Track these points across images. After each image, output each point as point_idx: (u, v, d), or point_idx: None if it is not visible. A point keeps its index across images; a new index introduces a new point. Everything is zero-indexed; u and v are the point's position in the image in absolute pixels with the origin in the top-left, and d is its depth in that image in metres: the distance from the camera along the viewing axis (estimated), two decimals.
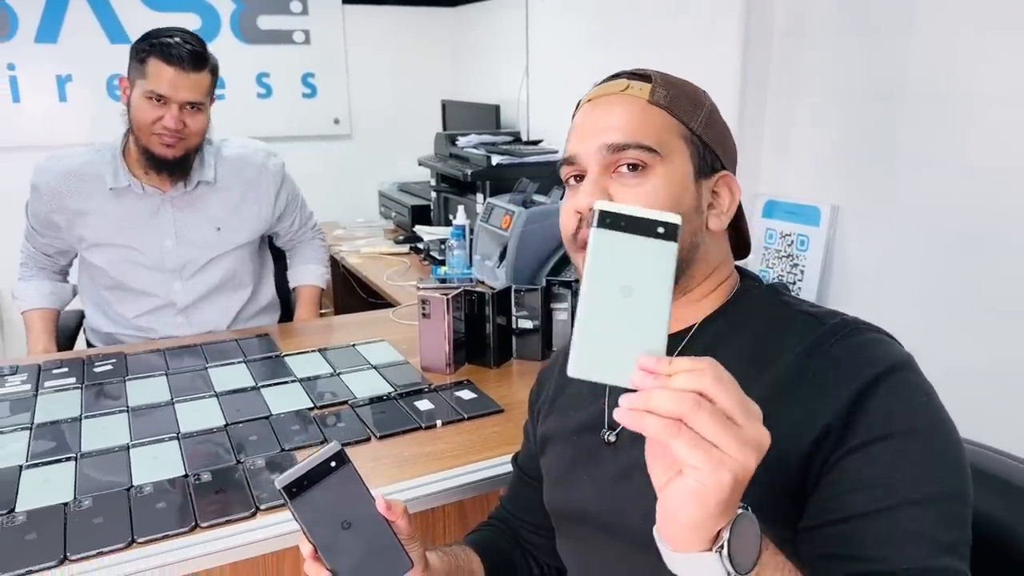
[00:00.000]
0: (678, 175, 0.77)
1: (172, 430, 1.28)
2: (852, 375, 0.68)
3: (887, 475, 0.65)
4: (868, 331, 0.73)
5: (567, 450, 0.88)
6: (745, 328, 0.78)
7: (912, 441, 0.66)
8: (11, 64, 2.81)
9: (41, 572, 0.94)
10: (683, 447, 0.49)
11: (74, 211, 1.72)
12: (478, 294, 1.58)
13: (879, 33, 1.53)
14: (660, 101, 0.78)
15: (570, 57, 2.56)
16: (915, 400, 0.68)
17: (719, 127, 0.81)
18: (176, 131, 1.62)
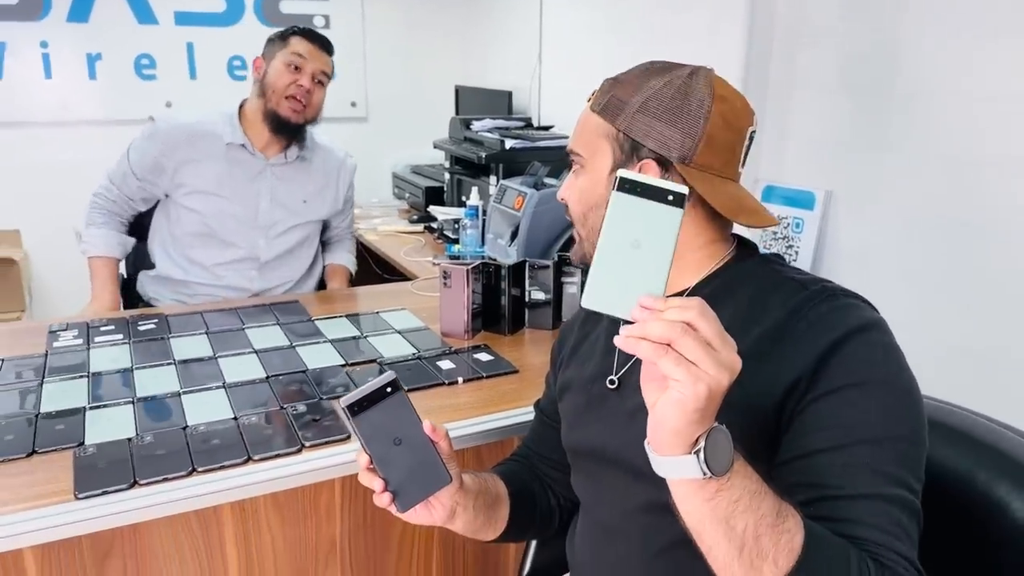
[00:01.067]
0: (595, 172, 0.92)
1: (218, 380, 1.41)
2: (823, 334, 0.79)
3: (847, 417, 0.76)
4: (845, 296, 0.84)
5: (581, 396, 1.01)
6: (737, 291, 0.89)
7: (871, 389, 0.77)
8: (44, 42, 2.92)
9: (115, 492, 1.06)
10: (669, 364, 0.60)
11: (183, 159, 1.92)
12: (495, 266, 1.71)
13: (875, 31, 1.65)
14: (595, 108, 0.93)
15: (582, 45, 2.67)
16: (877, 355, 0.79)
17: (654, 114, 0.88)
18: (308, 92, 1.89)
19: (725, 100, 0.89)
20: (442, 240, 2.63)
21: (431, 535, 1.38)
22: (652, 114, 0.89)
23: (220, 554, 1.21)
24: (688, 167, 0.88)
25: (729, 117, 0.89)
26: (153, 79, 3.10)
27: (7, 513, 1.01)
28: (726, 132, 0.89)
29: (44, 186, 3.04)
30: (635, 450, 0.87)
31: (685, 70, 0.91)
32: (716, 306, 0.82)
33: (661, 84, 0.89)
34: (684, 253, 0.90)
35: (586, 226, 0.95)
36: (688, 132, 0.88)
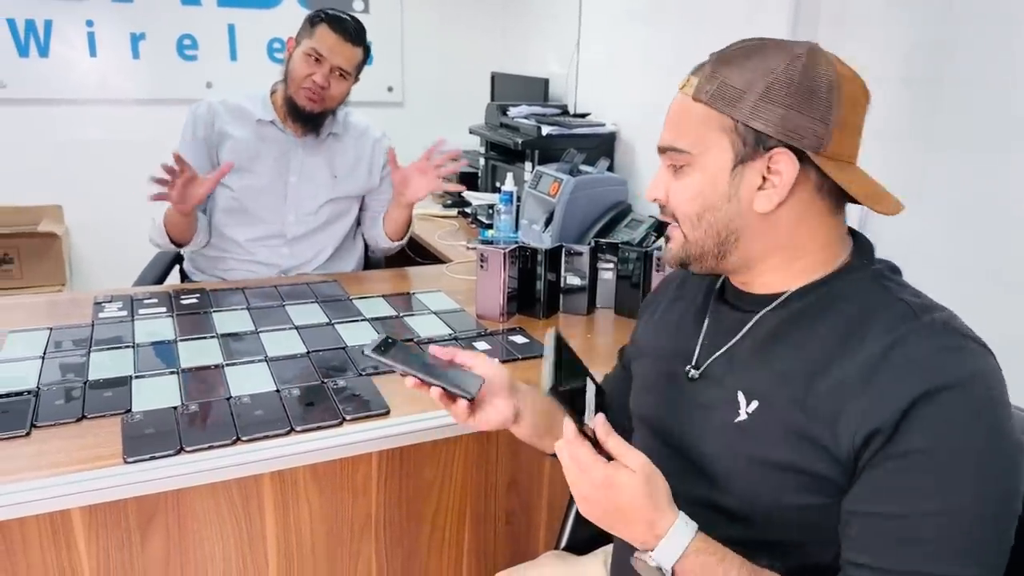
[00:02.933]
0: (711, 171, 0.83)
1: (260, 354, 1.43)
2: (916, 379, 0.73)
3: (917, 485, 0.72)
4: (957, 335, 0.76)
5: (656, 367, 0.99)
6: (837, 308, 0.82)
7: (952, 458, 0.71)
8: (89, 20, 2.97)
9: (163, 458, 1.09)
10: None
11: (221, 133, 1.96)
12: (531, 250, 1.72)
13: (924, 22, 1.62)
14: (702, 97, 0.83)
15: (620, 33, 2.66)
16: (969, 418, 0.72)
17: (781, 100, 0.79)
18: (321, 88, 1.87)
19: (848, 80, 0.82)
20: (476, 225, 2.65)
21: (463, 511, 1.40)
22: (779, 100, 0.79)
23: (259, 523, 1.24)
24: (822, 156, 0.80)
25: (855, 98, 0.82)
26: (195, 60, 3.13)
27: (57, 474, 1.05)
28: (854, 114, 0.82)
29: (87, 163, 3.10)
30: (700, 444, 0.88)
31: (801, 47, 0.82)
32: (813, 319, 0.83)
33: (783, 65, 0.80)
34: (799, 254, 0.85)
35: (699, 227, 0.86)
36: (822, 118, 0.79)
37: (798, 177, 0.80)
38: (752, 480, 0.83)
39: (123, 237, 2.81)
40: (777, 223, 0.83)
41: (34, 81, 2.95)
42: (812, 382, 0.79)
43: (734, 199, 0.83)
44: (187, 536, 1.20)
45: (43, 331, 1.51)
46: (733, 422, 0.85)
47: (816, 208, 0.83)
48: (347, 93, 1.97)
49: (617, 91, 2.70)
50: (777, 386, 0.82)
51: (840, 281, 0.84)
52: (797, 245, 0.84)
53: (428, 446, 1.32)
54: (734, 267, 0.88)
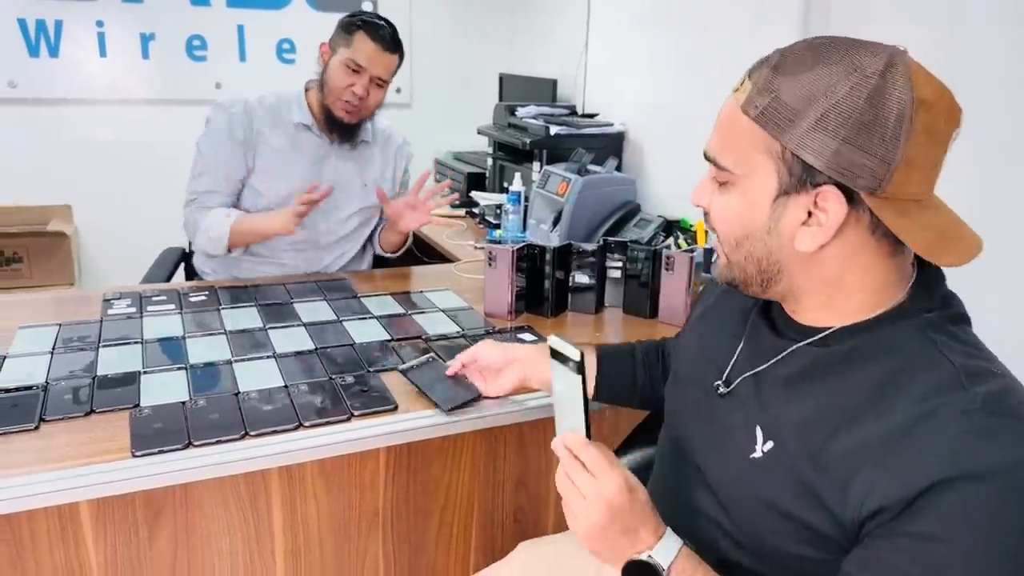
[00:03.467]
0: (751, 196, 0.76)
1: (268, 350, 1.43)
2: (940, 463, 0.65)
3: (912, 570, 0.66)
4: (996, 416, 0.67)
5: (689, 370, 0.98)
6: (881, 357, 0.75)
7: (951, 553, 0.64)
8: (99, 21, 2.98)
9: (171, 452, 1.09)
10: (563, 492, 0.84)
11: (258, 134, 1.92)
12: (540, 248, 1.71)
13: (933, 22, 1.62)
14: (751, 112, 0.74)
15: (629, 34, 2.66)
16: (995, 513, 0.64)
17: (837, 131, 0.69)
18: (360, 99, 1.85)
19: (929, 106, 0.69)
20: (484, 225, 2.65)
21: (471, 508, 1.39)
22: (834, 132, 0.69)
23: (267, 519, 1.23)
24: (878, 197, 0.70)
25: (934, 127, 0.70)
26: (204, 60, 3.14)
27: (66, 467, 1.05)
28: (929, 148, 0.71)
29: (96, 163, 3.11)
30: (714, 466, 0.87)
31: (877, 61, 0.69)
32: (845, 372, 0.77)
33: (847, 88, 0.69)
34: (849, 293, 0.77)
35: (739, 252, 0.80)
36: (883, 157, 0.69)
37: (848, 218, 0.72)
38: (756, 518, 0.80)
39: (132, 237, 2.83)
40: (823, 262, 0.76)
41: (44, 81, 2.97)
42: (832, 438, 0.73)
43: (773, 232, 0.76)
44: (195, 532, 1.19)
45: (52, 327, 1.51)
46: (748, 457, 0.82)
47: (870, 250, 0.75)
48: (383, 100, 1.95)
49: (625, 92, 2.69)
50: (796, 433, 0.77)
51: (886, 328, 0.76)
52: (846, 284, 0.77)
53: (436, 442, 1.31)
54: (781, 296, 0.82)
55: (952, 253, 0.73)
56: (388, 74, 1.89)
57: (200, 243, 1.91)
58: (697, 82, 2.29)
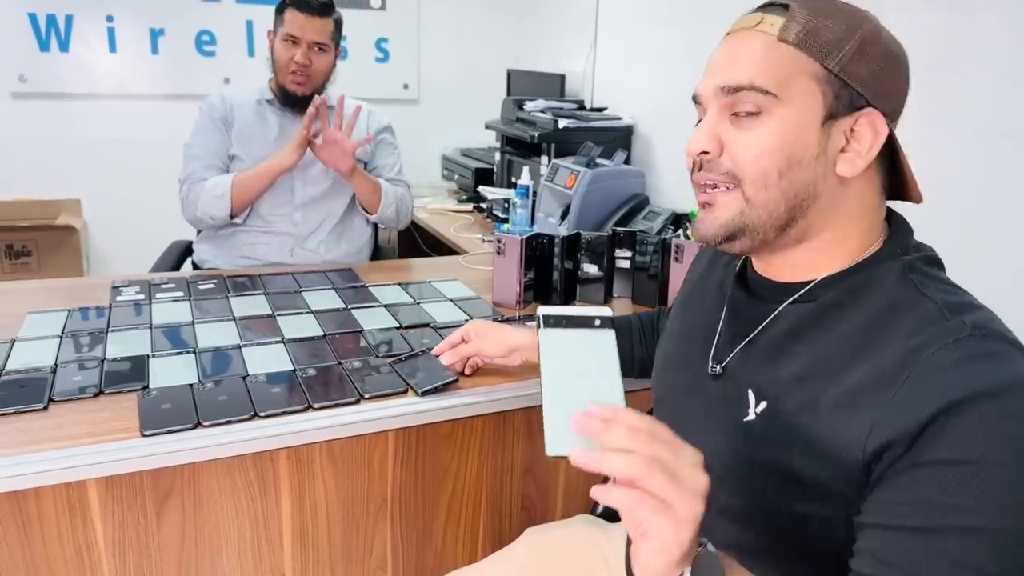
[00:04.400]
0: (798, 120, 0.74)
1: (277, 336, 1.43)
2: (941, 389, 0.65)
3: (945, 498, 0.64)
4: (988, 339, 0.68)
5: (676, 348, 0.97)
6: (864, 302, 0.76)
7: (984, 471, 0.63)
8: (109, 16, 2.99)
9: (180, 432, 1.09)
10: (647, 515, 0.58)
11: (231, 114, 2.03)
12: (548, 237, 1.71)
13: (941, 9, 1.61)
14: (790, 38, 0.74)
15: (638, 30, 2.66)
16: (1005, 428, 0.64)
17: (874, 56, 0.74)
18: (304, 66, 1.93)
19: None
20: (491, 219, 2.64)
21: (479, 496, 1.39)
22: (872, 57, 0.73)
23: (275, 502, 1.23)
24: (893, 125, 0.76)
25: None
26: (213, 56, 3.15)
27: (74, 446, 1.05)
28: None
29: (105, 157, 3.12)
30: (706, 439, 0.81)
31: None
32: (838, 316, 0.76)
33: (872, 25, 0.75)
34: (848, 233, 0.78)
35: (775, 188, 0.75)
36: (905, 86, 0.76)
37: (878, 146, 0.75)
38: (754, 483, 0.79)
39: (140, 231, 2.83)
40: (848, 193, 0.77)
41: (54, 76, 2.98)
42: (825, 387, 0.74)
43: (822, 157, 0.75)
44: (202, 513, 1.19)
45: (61, 312, 1.51)
46: (741, 421, 0.81)
47: (874, 185, 0.78)
48: (332, 65, 2.02)
49: (634, 86, 2.69)
50: (789, 389, 0.77)
51: (867, 273, 0.77)
52: (849, 221, 0.78)
53: (445, 427, 1.31)
54: (789, 241, 0.79)
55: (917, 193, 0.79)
56: (324, 37, 1.95)
57: (203, 207, 1.94)
58: None
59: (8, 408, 1.12)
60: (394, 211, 2.10)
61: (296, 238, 2.05)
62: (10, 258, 2.99)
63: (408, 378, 1.27)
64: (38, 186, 3.03)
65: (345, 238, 2.13)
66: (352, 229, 2.16)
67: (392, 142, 2.23)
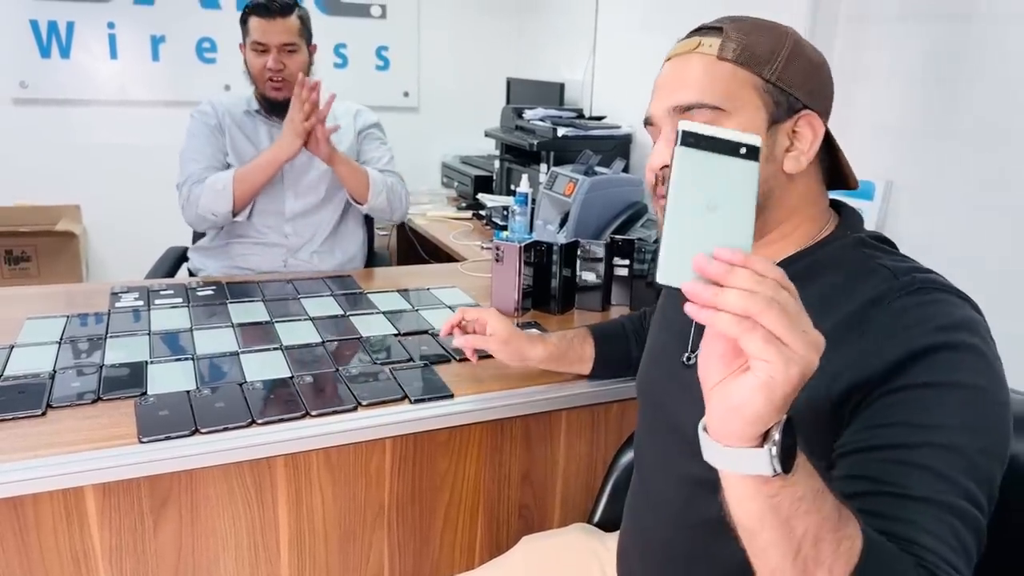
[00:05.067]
0: (746, 128, 0.77)
1: (275, 343, 1.43)
2: (903, 336, 0.72)
3: (918, 417, 0.69)
4: (937, 290, 0.76)
5: (658, 341, 1.02)
6: (822, 275, 0.82)
7: (953, 392, 0.70)
8: (111, 23, 3.00)
9: (178, 438, 1.09)
10: (758, 342, 0.53)
11: (223, 115, 2.03)
12: (547, 245, 1.71)
13: (940, 19, 1.62)
14: (728, 56, 0.82)
15: (637, 39, 2.67)
16: (965, 361, 0.71)
17: (802, 63, 0.83)
18: (278, 71, 1.93)
19: None
20: (490, 227, 2.65)
21: (476, 504, 1.39)
22: (800, 65, 0.83)
23: (272, 509, 1.23)
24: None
25: None
26: (213, 63, 3.16)
27: (72, 452, 1.05)
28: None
29: (106, 164, 3.12)
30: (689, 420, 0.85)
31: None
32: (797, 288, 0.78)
33: (795, 36, 0.84)
34: (799, 221, 0.86)
35: None
36: (830, 87, 0.86)
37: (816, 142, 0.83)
38: None
39: (140, 237, 2.82)
40: (795, 187, 0.85)
41: (55, 82, 2.99)
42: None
43: (770, 159, 0.82)
44: (200, 520, 1.19)
45: (60, 318, 1.52)
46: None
47: (815, 176, 0.87)
48: (307, 62, 2.00)
49: (633, 95, 2.69)
50: None
51: (824, 249, 0.85)
52: (799, 212, 0.86)
53: (443, 435, 1.31)
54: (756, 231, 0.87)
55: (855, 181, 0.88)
56: (291, 36, 1.93)
57: (205, 203, 1.92)
58: None
59: (6, 414, 1.12)
60: (385, 199, 2.06)
61: (288, 249, 2.05)
62: (10, 263, 2.99)
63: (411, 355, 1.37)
64: (38, 192, 3.03)
65: (338, 247, 2.13)
66: (344, 238, 2.15)
67: (379, 136, 2.21)
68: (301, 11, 1.98)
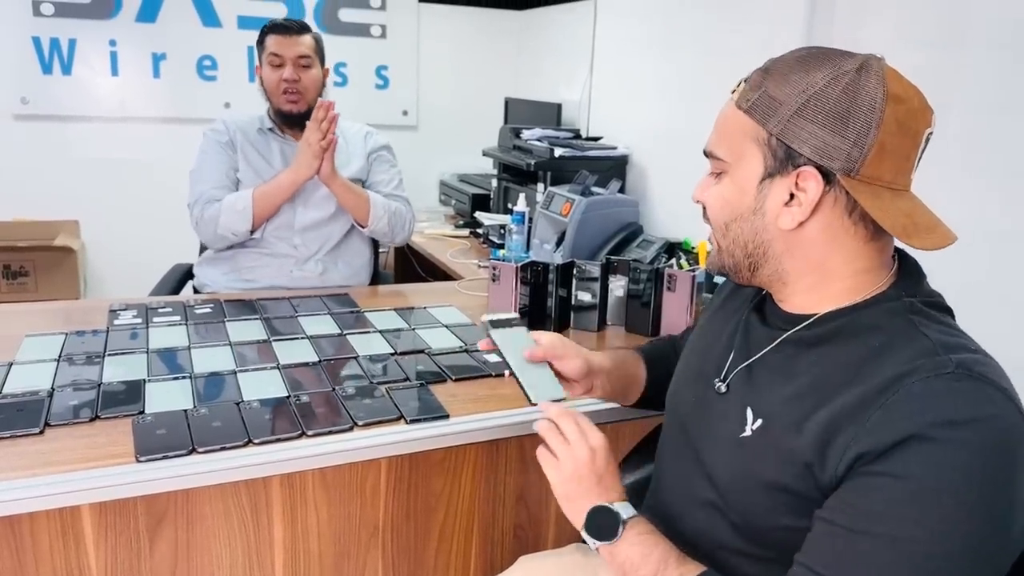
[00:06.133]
0: (741, 180, 0.83)
1: (272, 361, 1.44)
2: (918, 417, 0.70)
3: (882, 507, 0.70)
4: (970, 379, 0.72)
5: (692, 367, 1.01)
6: (864, 336, 0.80)
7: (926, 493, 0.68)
8: (112, 40, 3.03)
9: (175, 458, 1.10)
10: (546, 454, 0.93)
11: (235, 134, 2.08)
12: (543, 265, 1.72)
13: (933, 46, 1.64)
14: (743, 105, 0.82)
15: (634, 60, 2.69)
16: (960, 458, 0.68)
17: (815, 118, 0.78)
18: (294, 82, 2.00)
19: (900, 100, 0.77)
20: (488, 245, 2.66)
21: (471, 524, 1.39)
22: (813, 118, 0.78)
23: (267, 530, 1.23)
24: (853, 179, 0.77)
25: (905, 120, 0.77)
26: (214, 80, 3.19)
27: (69, 471, 1.05)
28: (900, 138, 0.77)
29: (105, 179, 3.14)
30: (711, 452, 0.91)
31: (854, 61, 0.79)
32: (830, 351, 0.82)
33: (825, 81, 0.78)
34: (832, 278, 0.83)
35: (727, 237, 0.87)
36: (856, 141, 0.76)
37: (826, 199, 0.79)
38: (748, 496, 0.85)
39: (138, 253, 2.85)
40: (804, 242, 0.82)
41: (56, 98, 3.02)
42: (816, 408, 0.78)
43: (759, 212, 0.83)
44: (195, 540, 1.19)
45: (59, 336, 1.53)
46: (738, 436, 0.86)
47: (848, 233, 0.81)
48: (321, 80, 2.07)
49: (630, 116, 2.72)
50: (783, 408, 0.82)
51: (870, 310, 0.81)
52: (829, 268, 0.83)
53: (438, 455, 1.31)
54: (768, 281, 0.88)
55: (924, 239, 0.78)
56: (307, 51, 2.02)
57: (225, 223, 1.96)
58: (701, 107, 2.30)
59: (4, 432, 1.13)
60: (386, 223, 2.09)
61: (296, 260, 2.07)
62: (8, 278, 3.00)
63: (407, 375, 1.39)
64: (37, 207, 3.05)
65: (343, 261, 2.15)
66: (351, 252, 2.18)
67: (389, 159, 2.26)
68: (316, 33, 2.08)
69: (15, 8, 2.89)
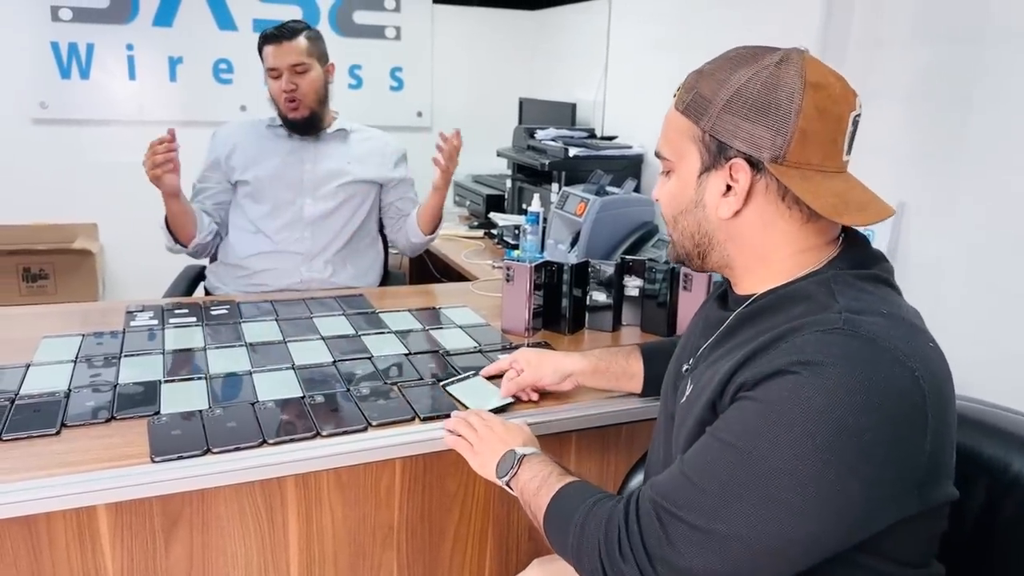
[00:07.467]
0: (683, 176, 0.91)
1: (287, 362, 1.44)
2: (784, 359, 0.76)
3: (735, 425, 0.79)
4: (855, 337, 0.75)
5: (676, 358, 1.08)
6: (788, 307, 0.85)
7: (770, 413, 0.76)
8: (130, 44, 3.05)
9: (190, 458, 1.10)
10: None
11: (236, 144, 2.12)
12: (557, 265, 1.72)
13: (952, 41, 1.62)
14: (679, 107, 0.90)
15: (649, 60, 2.68)
16: (802, 392, 0.73)
17: (740, 112, 0.83)
18: (290, 91, 2.01)
19: (819, 87, 0.82)
20: (502, 245, 2.66)
21: (486, 525, 1.38)
22: (738, 112, 0.83)
23: (282, 530, 1.23)
24: (782, 166, 0.82)
25: (825, 106, 0.82)
26: (230, 83, 3.20)
27: (85, 471, 1.06)
28: (822, 123, 0.82)
29: (123, 183, 3.13)
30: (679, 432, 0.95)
31: (774, 56, 0.84)
32: (757, 323, 0.87)
33: (747, 77, 0.83)
34: (771, 260, 0.89)
35: (677, 229, 0.94)
36: (779, 129, 0.82)
37: (758, 186, 0.85)
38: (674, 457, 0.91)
39: (155, 255, 2.84)
40: (743, 229, 0.88)
41: (74, 102, 3.04)
42: (728, 362, 0.84)
43: (700, 205, 0.90)
44: (210, 540, 1.19)
45: (76, 337, 1.54)
46: (679, 404, 0.95)
47: (783, 216, 0.86)
48: (321, 82, 2.07)
49: (644, 114, 2.71)
50: (707, 371, 0.89)
51: (799, 283, 0.86)
52: (769, 251, 0.88)
53: (452, 456, 1.29)
54: (718, 267, 0.94)
55: (855, 216, 0.82)
56: (299, 57, 2.01)
57: (166, 243, 2.10)
58: None
59: (22, 433, 1.14)
60: None
61: (305, 256, 2.08)
62: (27, 281, 3.03)
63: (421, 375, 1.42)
64: (56, 210, 3.08)
65: (351, 261, 2.16)
66: (358, 253, 2.19)
67: (407, 176, 2.31)
68: (310, 32, 2.06)
69: (34, 14, 2.92)
